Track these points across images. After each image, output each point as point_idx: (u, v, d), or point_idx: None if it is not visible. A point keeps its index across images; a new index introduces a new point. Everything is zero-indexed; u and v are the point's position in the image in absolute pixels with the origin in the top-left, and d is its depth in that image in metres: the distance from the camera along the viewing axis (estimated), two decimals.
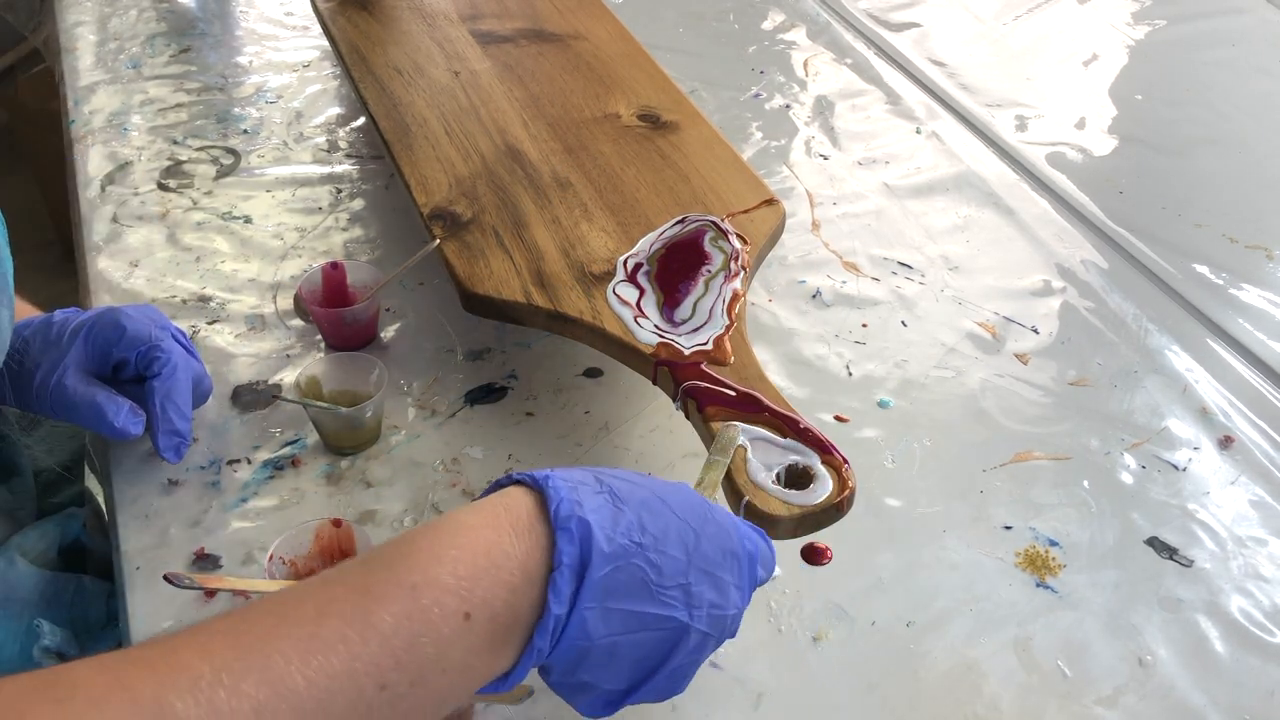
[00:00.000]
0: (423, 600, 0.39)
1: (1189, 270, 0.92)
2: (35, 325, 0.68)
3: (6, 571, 0.66)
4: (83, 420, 0.65)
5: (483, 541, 0.41)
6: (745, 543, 0.47)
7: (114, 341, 0.66)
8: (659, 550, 0.43)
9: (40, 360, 0.66)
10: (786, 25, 1.26)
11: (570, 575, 0.41)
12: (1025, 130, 1.10)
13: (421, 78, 0.91)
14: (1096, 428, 0.77)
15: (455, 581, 0.40)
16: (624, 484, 0.45)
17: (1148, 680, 0.61)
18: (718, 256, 0.72)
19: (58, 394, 0.64)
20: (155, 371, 0.66)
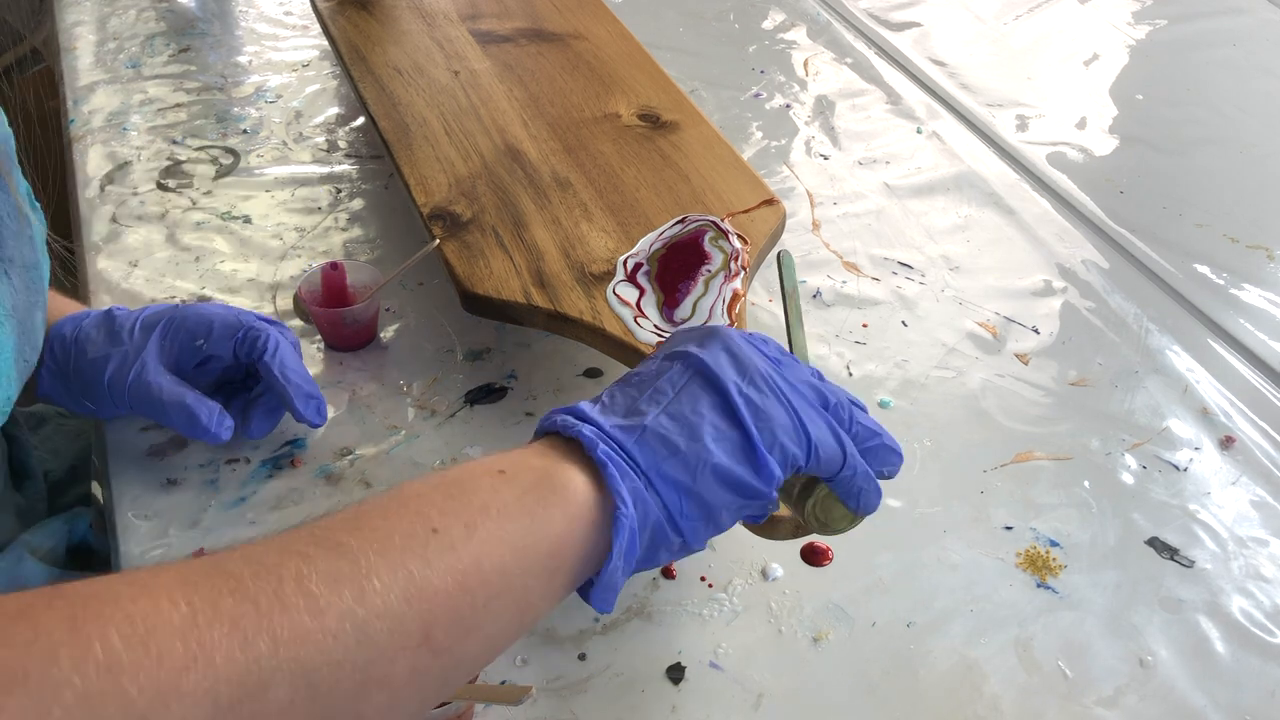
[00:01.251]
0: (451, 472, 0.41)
1: (1190, 270, 0.92)
2: (95, 318, 0.67)
3: (15, 569, 0.66)
4: (168, 419, 0.64)
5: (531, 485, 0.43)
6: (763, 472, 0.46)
7: (202, 335, 0.66)
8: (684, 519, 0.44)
9: (108, 354, 0.65)
10: (787, 25, 1.26)
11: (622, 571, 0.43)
12: (1026, 130, 1.10)
13: (421, 77, 0.91)
14: (1097, 428, 0.77)
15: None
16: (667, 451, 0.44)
17: (1148, 681, 0.61)
18: (718, 256, 0.72)
19: (139, 390, 0.63)
20: (262, 349, 0.66)
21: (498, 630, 0.40)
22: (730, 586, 0.64)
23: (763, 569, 0.65)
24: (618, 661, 0.60)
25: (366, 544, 0.36)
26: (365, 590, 0.35)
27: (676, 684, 0.59)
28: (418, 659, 0.36)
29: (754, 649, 0.61)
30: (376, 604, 0.35)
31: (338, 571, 0.35)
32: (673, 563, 0.65)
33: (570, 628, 0.62)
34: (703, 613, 0.63)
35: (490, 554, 0.39)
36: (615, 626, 0.62)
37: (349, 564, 0.35)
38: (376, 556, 0.36)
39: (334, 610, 0.34)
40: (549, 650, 0.60)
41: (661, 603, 0.63)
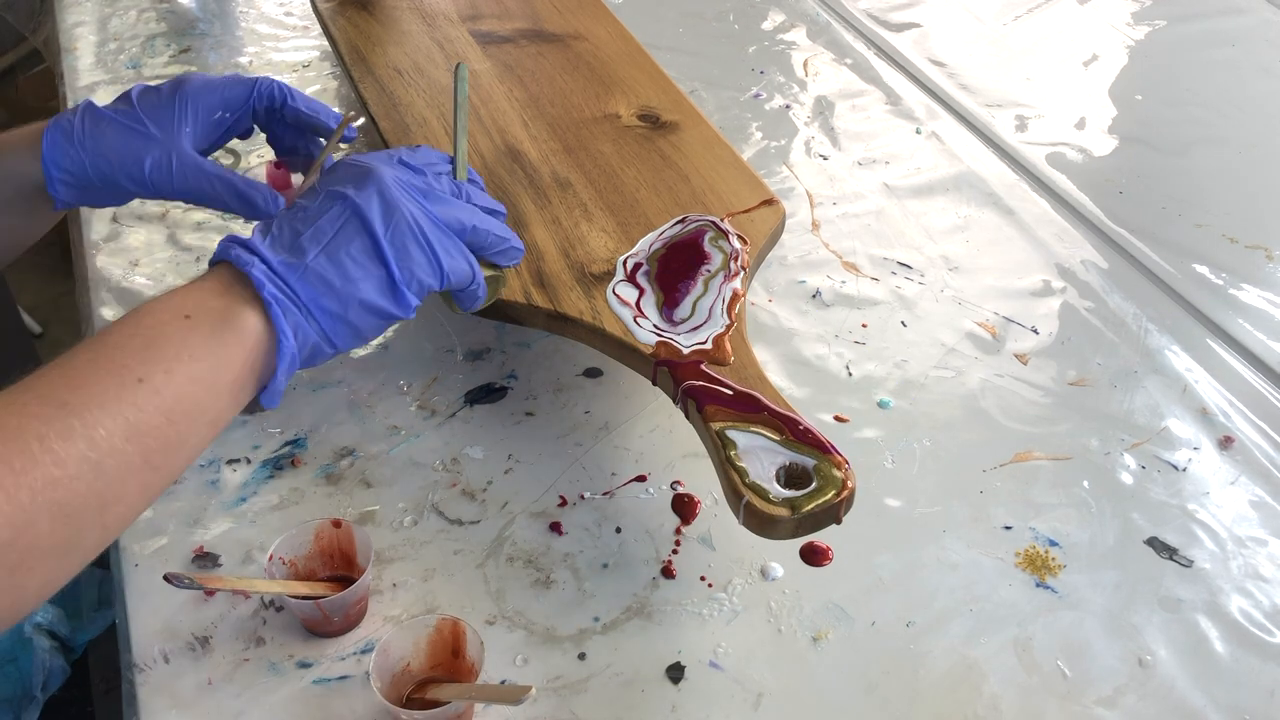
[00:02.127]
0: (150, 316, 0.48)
1: (1189, 270, 0.92)
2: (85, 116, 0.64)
3: None
4: (219, 202, 0.65)
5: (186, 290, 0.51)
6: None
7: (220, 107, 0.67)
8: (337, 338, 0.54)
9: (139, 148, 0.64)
10: (786, 25, 1.26)
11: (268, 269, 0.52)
12: (1025, 130, 1.10)
13: (421, 78, 0.91)
14: (1096, 428, 0.77)
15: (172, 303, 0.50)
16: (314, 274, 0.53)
17: (1148, 680, 0.61)
18: (717, 256, 0.72)
19: (186, 178, 0.64)
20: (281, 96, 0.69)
21: (199, 443, 0.49)
22: (730, 586, 0.64)
23: (762, 569, 0.65)
24: (618, 661, 0.60)
25: (89, 399, 0.44)
26: (94, 439, 0.43)
27: (676, 684, 0.59)
28: (143, 478, 0.45)
29: (754, 649, 0.61)
30: (104, 447, 0.43)
31: (70, 429, 0.43)
32: (672, 563, 0.65)
33: (570, 627, 0.62)
34: (702, 612, 0.63)
35: (187, 392, 0.47)
36: (615, 626, 0.62)
37: (78, 420, 0.43)
38: (98, 409, 0.44)
39: (73, 458, 0.42)
40: (549, 650, 0.60)
41: (661, 602, 0.63)
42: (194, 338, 0.48)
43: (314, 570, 0.62)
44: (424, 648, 0.57)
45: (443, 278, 0.56)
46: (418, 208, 0.55)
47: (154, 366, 0.46)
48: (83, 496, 0.42)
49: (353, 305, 0.53)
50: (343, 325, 0.53)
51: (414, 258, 0.54)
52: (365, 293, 0.53)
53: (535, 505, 0.69)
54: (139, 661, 0.59)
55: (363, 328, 0.54)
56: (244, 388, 0.51)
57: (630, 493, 0.70)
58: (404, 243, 0.54)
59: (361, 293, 0.53)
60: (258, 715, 0.57)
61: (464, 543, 0.66)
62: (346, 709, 0.57)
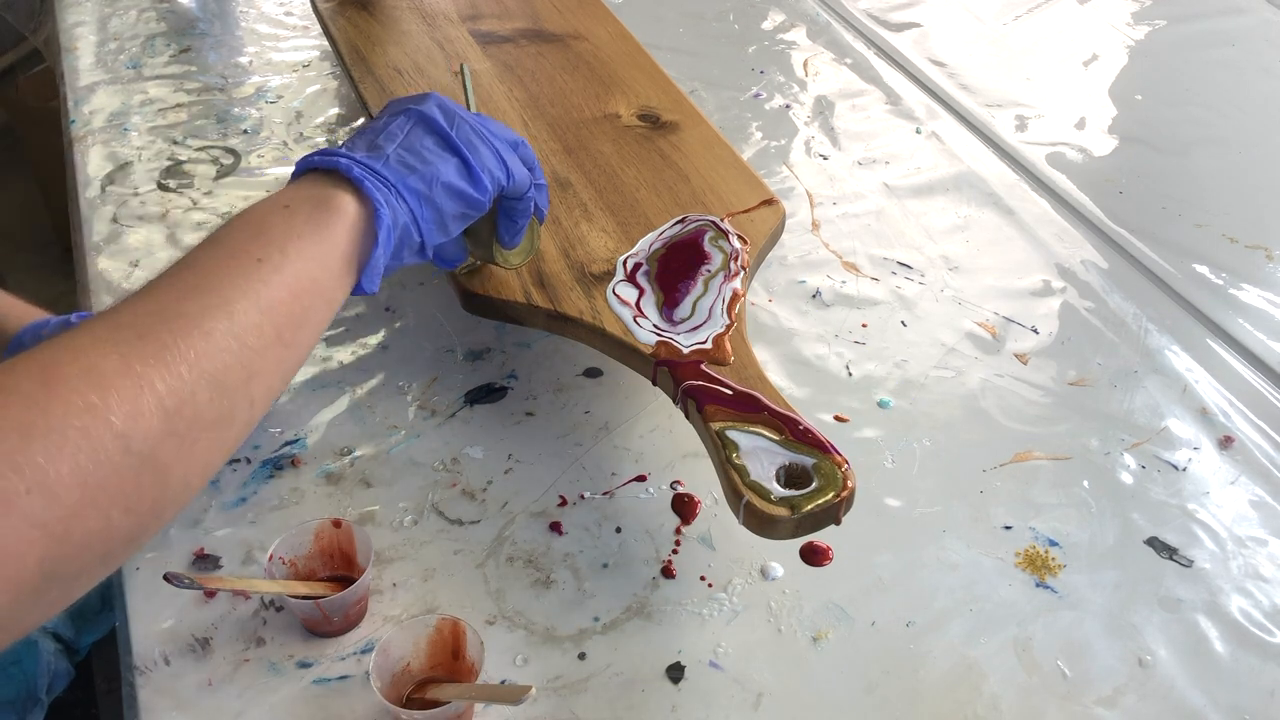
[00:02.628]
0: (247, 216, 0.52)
1: (1189, 270, 0.92)
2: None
3: None
4: None
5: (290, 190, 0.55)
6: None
7: None
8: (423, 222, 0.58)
9: None
10: (786, 25, 1.26)
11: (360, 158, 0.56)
12: (1025, 130, 1.10)
13: (422, 78, 0.91)
14: (1096, 428, 0.77)
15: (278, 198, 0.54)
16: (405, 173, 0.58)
17: (1148, 680, 0.61)
18: (717, 256, 0.72)
19: None
20: None
21: (320, 320, 0.53)
22: (730, 586, 0.64)
23: (762, 569, 0.65)
24: (618, 661, 0.60)
25: (219, 282, 0.48)
26: (233, 314, 0.47)
27: (676, 683, 0.59)
28: (278, 353, 0.49)
29: (754, 648, 0.61)
30: (242, 321, 0.47)
31: (209, 307, 0.46)
32: (672, 563, 0.65)
33: (570, 627, 0.62)
34: (702, 612, 0.63)
35: (303, 269, 0.51)
36: (615, 626, 0.62)
37: (215, 298, 0.47)
38: (229, 289, 0.48)
39: (218, 332, 0.46)
40: (549, 650, 0.60)
41: (661, 602, 0.63)
42: (297, 220, 0.52)
43: (314, 570, 0.62)
44: (424, 648, 0.57)
45: (508, 174, 0.61)
46: (473, 119, 0.61)
47: (269, 248, 0.50)
48: (231, 368, 0.46)
49: (436, 185, 0.57)
50: (429, 207, 0.57)
51: (481, 151, 0.59)
52: (445, 175, 0.58)
53: (535, 505, 0.69)
54: (139, 663, 0.59)
55: (446, 211, 0.58)
56: (350, 265, 0.54)
57: (630, 493, 0.70)
58: (469, 139, 0.59)
59: (442, 175, 0.57)
60: (258, 715, 0.57)
61: (464, 543, 0.66)
62: (346, 709, 0.57)
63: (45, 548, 0.38)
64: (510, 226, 0.65)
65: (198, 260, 0.50)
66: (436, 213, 0.58)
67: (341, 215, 0.53)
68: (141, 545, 0.45)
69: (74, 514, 0.39)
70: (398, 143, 0.58)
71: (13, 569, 0.37)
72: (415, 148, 0.58)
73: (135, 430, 0.41)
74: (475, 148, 0.59)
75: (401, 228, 0.56)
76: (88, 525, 0.40)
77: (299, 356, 0.52)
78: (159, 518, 0.44)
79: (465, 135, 0.59)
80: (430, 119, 0.59)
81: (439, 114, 0.59)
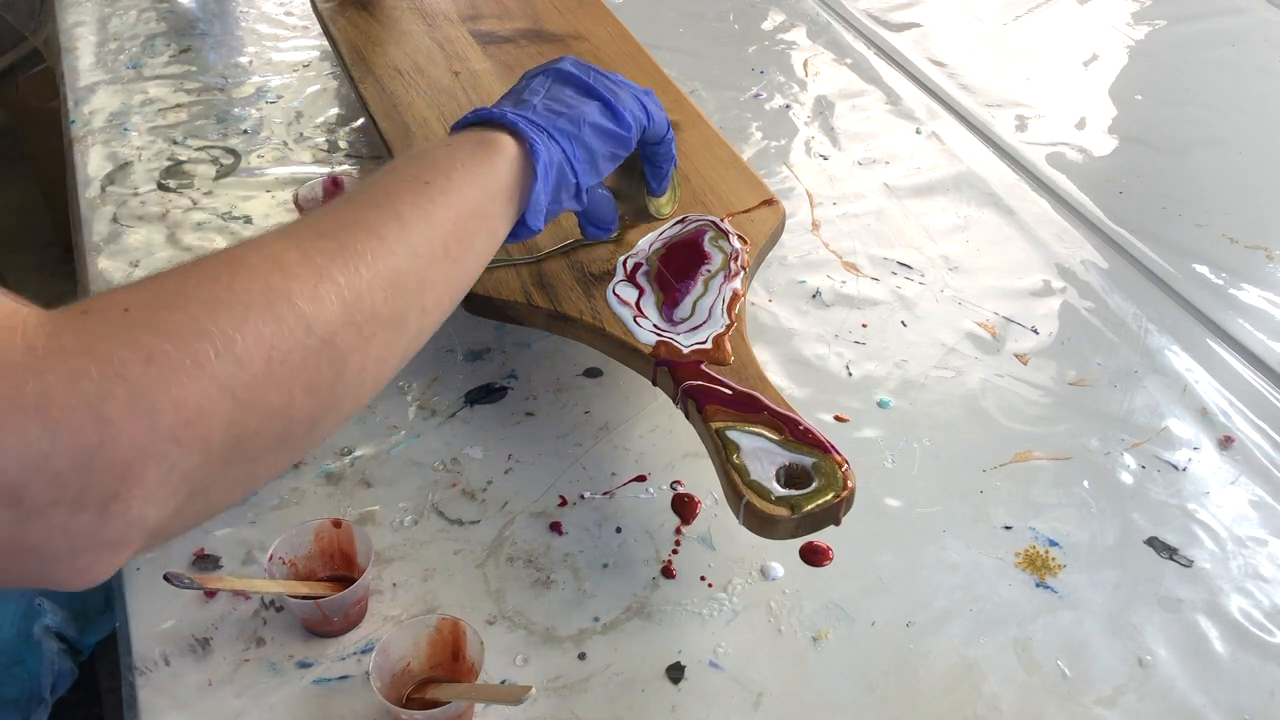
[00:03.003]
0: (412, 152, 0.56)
1: (1189, 270, 0.92)
2: None
3: None
4: None
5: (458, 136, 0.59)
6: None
7: None
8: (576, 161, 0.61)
9: None
10: (786, 25, 1.26)
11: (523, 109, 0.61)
12: (1025, 130, 1.10)
13: (422, 78, 0.91)
14: (1096, 428, 0.77)
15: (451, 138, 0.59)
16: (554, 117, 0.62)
17: (1148, 680, 0.61)
18: (717, 256, 0.72)
19: None
20: None
21: (483, 248, 0.56)
22: (730, 586, 0.64)
23: (762, 569, 0.65)
24: (618, 661, 0.60)
25: (392, 199, 0.51)
26: (404, 222, 0.50)
27: (676, 684, 0.59)
28: (445, 268, 0.52)
29: (754, 649, 0.61)
30: (413, 230, 0.50)
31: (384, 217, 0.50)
32: (672, 563, 0.65)
33: (570, 627, 0.62)
34: (702, 612, 0.63)
35: (467, 194, 0.54)
36: (615, 626, 0.62)
37: (389, 210, 0.50)
38: (400, 203, 0.51)
39: (391, 239, 0.49)
40: (549, 650, 0.60)
41: (661, 602, 0.63)
42: (460, 154, 0.56)
43: (314, 570, 0.62)
44: (424, 648, 0.57)
45: (648, 115, 0.64)
46: (606, 72, 0.65)
47: (435, 174, 0.54)
48: (404, 273, 0.49)
49: (584, 126, 0.61)
50: (580, 146, 0.61)
51: (620, 94, 0.63)
52: (591, 116, 0.61)
53: (535, 505, 0.69)
54: (139, 664, 0.59)
55: (596, 151, 0.62)
56: (511, 198, 0.58)
57: (630, 493, 0.70)
58: (606, 84, 0.63)
59: (588, 116, 0.61)
60: (258, 715, 0.57)
61: (464, 543, 0.66)
62: (346, 709, 0.57)
63: (232, 412, 0.40)
64: (657, 172, 0.69)
65: (368, 185, 0.53)
66: (587, 152, 0.61)
67: (501, 151, 0.57)
68: (316, 438, 0.47)
69: (259, 383, 0.41)
70: (541, 95, 0.62)
71: (204, 428, 0.39)
72: (558, 97, 0.62)
73: (315, 314, 0.44)
74: (614, 91, 0.63)
75: (557, 166, 0.60)
76: (271, 398, 0.42)
77: (465, 275, 0.55)
78: (335, 408, 0.46)
79: (602, 82, 0.63)
80: (566, 72, 0.63)
81: (574, 67, 0.64)
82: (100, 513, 0.37)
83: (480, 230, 0.55)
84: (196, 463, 0.39)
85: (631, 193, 0.72)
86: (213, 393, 0.39)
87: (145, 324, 0.40)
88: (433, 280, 0.51)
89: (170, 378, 0.39)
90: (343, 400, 0.47)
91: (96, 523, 0.37)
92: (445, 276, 0.53)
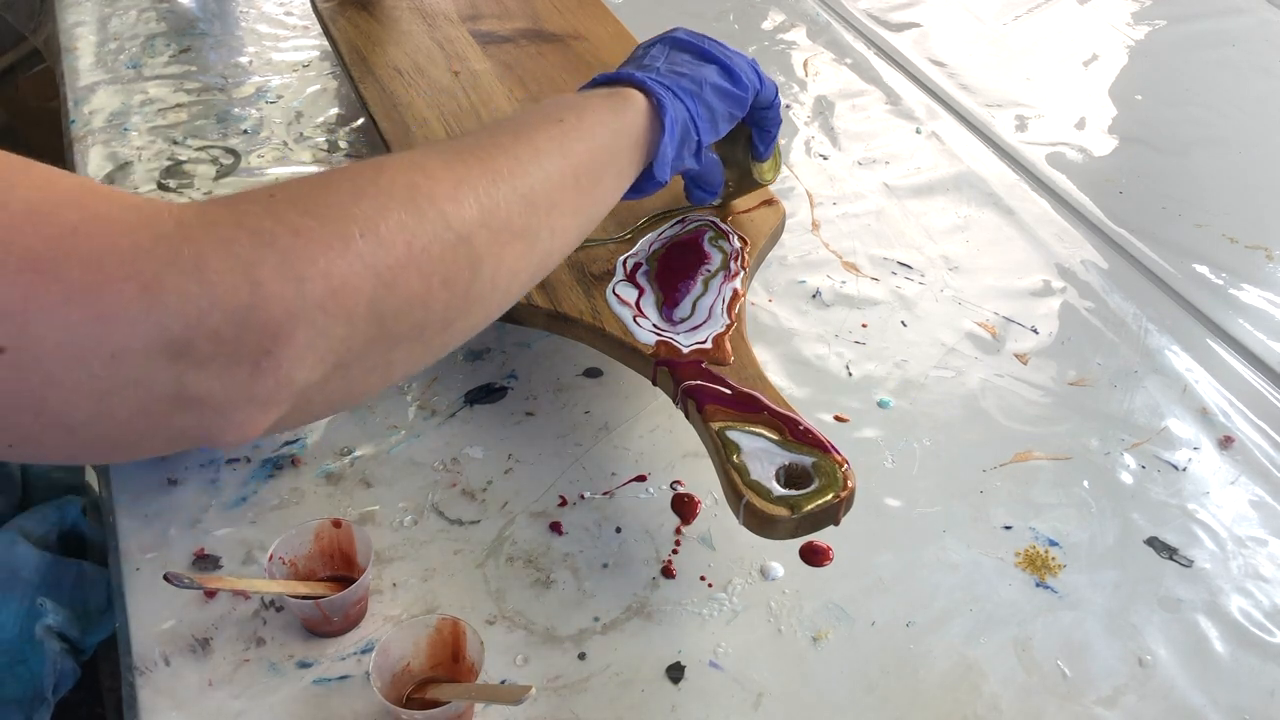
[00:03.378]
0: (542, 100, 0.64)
1: (1189, 270, 0.92)
2: None
3: (9, 551, 0.66)
4: None
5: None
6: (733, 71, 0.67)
7: None
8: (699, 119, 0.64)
9: None
10: (786, 25, 1.26)
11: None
12: (1025, 130, 1.10)
13: (422, 78, 0.91)
14: (1096, 428, 0.77)
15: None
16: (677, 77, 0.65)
17: (1148, 680, 0.61)
18: (717, 256, 0.72)
19: None
20: None
21: (611, 188, 0.60)
22: (730, 586, 0.64)
23: (762, 568, 0.65)
24: (617, 661, 0.60)
25: (527, 130, 0.55)
26: (540, 152, 0.53)
27: (676, 683, 0.59)
28: (574, 195, 0.55)
29: (754, 649, 0.61)
30: (548, 159, 0.53)
31: (519, 143, 0.53)
32: (672, 563, 0.65)
33: (570, 628, 0.62)
34: (702, 612, 0.63)
35: (598, 135, 0.58)
36: (615, 626, 0.62)
37: (526, 140, 0.54)
38: (533, 131, 0.54)
39: (526, 160, 0.52)
40: (549, 650, 0.60)
41: (661, 602, 0.63)
42: (593, 100, 0.59)
43: (314, 570, 0.62)
44: (424, 648, 0.57)
45: (760, 79, 0.68)
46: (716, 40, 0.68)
47: (568, 114, 0.57)
48: (537, 191, 0.52)
49: (705, 86, 0.64)
50: (702, 105, 0.64)
51: (734, 58, 0.66)
52: (710, 77, 0.65)
53: (535, 505, 0.69)
54: (139, 664, 0.59)
55: (716, 110, 0.65)
56: (639, 147, 0.61)
57: (630, 493, 0.70)
58: (721, 49, 0.67)
59: (708, 77, 0.65)
60: (258, 715, 0.57)
61: (464, 543, 0.66)
62: (346, 709, 0.57)
63: (375, 289, 0.43)
64: (764, 136, 0.72)
65: (505, 120, 0.57)
66: (709, 111, 0.64)
67: (632, 102, 0.60)
68: (450, 339, 0.51)
69: (400, 265, 0.44)
70: (662, 60, 0.65)
71: (349, 299, 0.42)
72: (678, 61, 0.65)
73: (453, 212, 0.47)
74: (729, 55, 0.66)
75: (682, 123, 0.63)
76: (411, 282, 0.45)
77: (594, 207, 0.58)
78: (469, 310, 0.50)
79: (717, 46, 0.67)
80: (682, 39, 0.67)
81: (688, 35, 0.67)
82: (254, 368, 0.40)
83: (609, 169, 0.59)
84: (341, 333, 0.42)
85: (738, 158, 0.74)
86: (357, 268, 0.42)
87: (291, 205, 0.42)
88: (562, 205, 0.54)
89: (317, 250, 0.41)
90: (476, 303, 0.50)
91: (250, 378, 0.40)
92: (575, 204, 0.55)
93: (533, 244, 0.52)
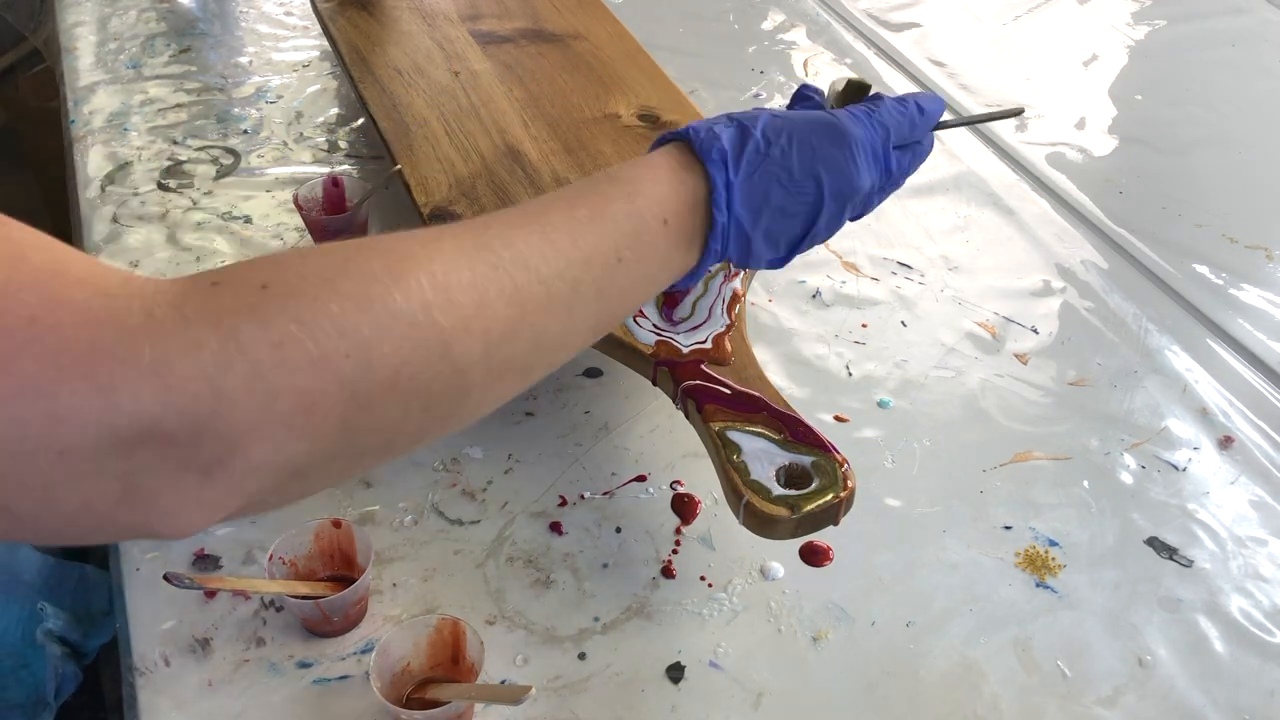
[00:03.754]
0: (638, 204, 0.51)
1: (1189, 270, 0.92)
2: None
3: (11, 555, 0.66)
4: None
5: (664, 174, 0.53)
6: (867, 130, 0.58)
7: None
8: (784, 155, 0.55)
9: None
10: (786, 25, 1.26)
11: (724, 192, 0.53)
12: (1025, 130, 1.10)
13: (421, 78, 0.91)
14: (1096, 428, 0.77)
15: (655, 197, 0.52)
16: (750, 114, 0.56)
17: (1148, 680, 0.61)
18: None
19: None
20: None
21: (656, 269, 0.53)
22: (730, 586, 0.64)
23: (762, 568, 0.65)
24: (618, 661, 0.60)
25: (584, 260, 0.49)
26: (577, 289, 0.48)
27: (676, 683, 0.59)
28: (589, 339, 0.51)
29: (754, 649, 0.61)
30: (581, 307, 0.48)
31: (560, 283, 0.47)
32: (672, 563, 0.65)
33: (570, 628, 0.62)
34: (702, 612, 0.63)
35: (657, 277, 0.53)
36: (615, 626, 0.62)
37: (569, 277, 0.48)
38: (586, 275, 0.48)
39: (557, 302, 0.47)
40: (549, 650, 0.60)
41: (661, 602, 0.63)
42: (664, 241, 0.52)
43: (314, 570, 0.62)
44: (424, 648, 0.57)
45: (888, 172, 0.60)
46: None
47: (626, 251, 0.50)
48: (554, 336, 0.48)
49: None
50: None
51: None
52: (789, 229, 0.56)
53: (535, 505, 0.69)
54: (140, 664, 0.59)
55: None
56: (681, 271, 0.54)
57: (630, 493, 0.70)
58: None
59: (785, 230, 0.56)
60: (258, 715, 0.57)
61: (464, 543, 0.66)
62: (346, 709, 0.57)
63: (349, 410, 0.40)
64: None
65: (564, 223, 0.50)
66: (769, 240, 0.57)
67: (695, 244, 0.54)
68: (417, 447, 0.47)
69: (382, 391, 0.41)
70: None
71: (318, 419, 0.39)
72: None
73: (457, 347, 0.43)
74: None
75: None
76: (389, 409, 0.42)
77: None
78: (444, 428, 0.46)
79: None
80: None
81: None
82: (204, 475, 0.38)
83: (636, 306, 0.54)
84: (303, 449, 0.40)
85: None
86: (333, 389, 0.40)
87: (282, 308, 0.39)
88: (571, 348, 0.50)
89: (295, 365, 0.39)
90: (452, 423, 0.47)
91: (199, 484, 0.38)
92: (584, 342, 0.51)
93: (527, 378, 0.49)
